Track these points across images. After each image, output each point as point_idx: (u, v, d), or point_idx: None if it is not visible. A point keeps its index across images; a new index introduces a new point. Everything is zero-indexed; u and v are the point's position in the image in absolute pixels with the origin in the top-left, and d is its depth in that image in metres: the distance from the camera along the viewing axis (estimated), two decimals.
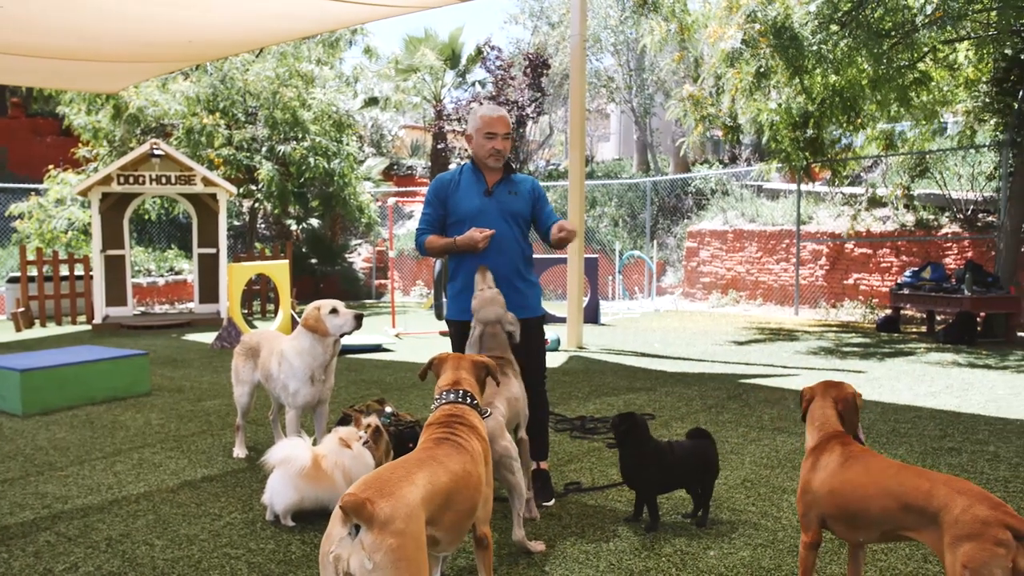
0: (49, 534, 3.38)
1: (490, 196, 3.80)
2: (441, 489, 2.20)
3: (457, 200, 3.80)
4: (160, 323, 11.82)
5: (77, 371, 6.06)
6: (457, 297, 3.83)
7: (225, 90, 14.42)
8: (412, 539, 1.97)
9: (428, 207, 3.87)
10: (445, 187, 3.84)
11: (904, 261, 12.07)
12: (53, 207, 13.89)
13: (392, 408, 4.76)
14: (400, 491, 2.04)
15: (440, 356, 2.90)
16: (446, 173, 3.91)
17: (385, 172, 21.83)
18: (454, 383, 2.74)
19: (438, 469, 2.26)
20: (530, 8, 25.34)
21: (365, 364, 8.06)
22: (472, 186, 3.82)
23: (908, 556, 3.06)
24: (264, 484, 3.55)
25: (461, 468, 2.34)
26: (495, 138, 3.77)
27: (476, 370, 2.84)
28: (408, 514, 2.00)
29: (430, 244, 3.83)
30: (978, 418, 5.36)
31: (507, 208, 3.81)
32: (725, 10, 10.65)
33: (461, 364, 2.82)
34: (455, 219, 3.79)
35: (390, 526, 1.93)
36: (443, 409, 2.63)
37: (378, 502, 1.95)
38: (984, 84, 11.12)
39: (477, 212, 3.76)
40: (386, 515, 1.94)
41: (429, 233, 3.85)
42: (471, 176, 3.86)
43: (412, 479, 2.12)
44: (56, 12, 7.04)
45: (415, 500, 2.05)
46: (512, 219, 3.82)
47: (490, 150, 3.77)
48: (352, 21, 11.07)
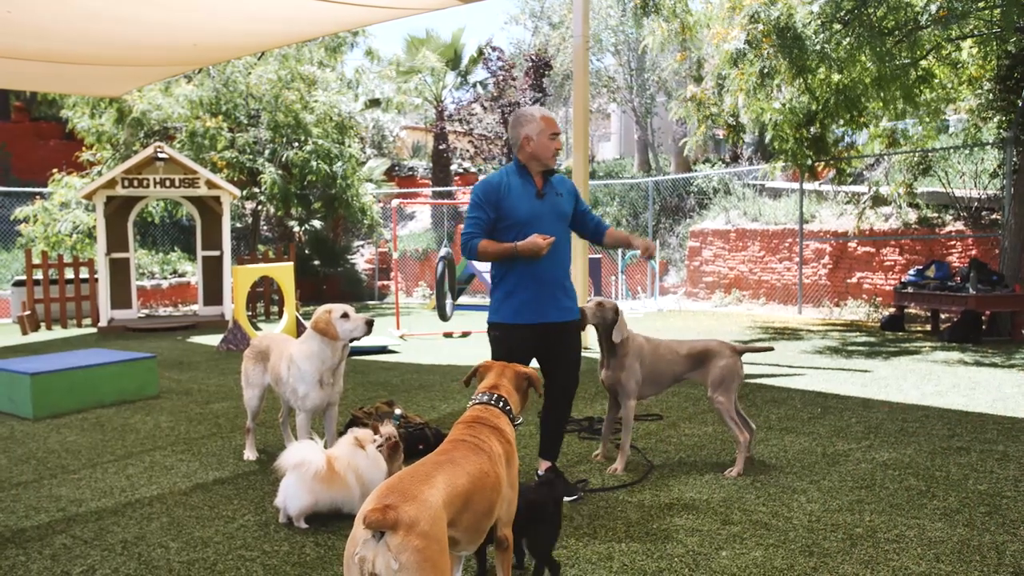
0: (65, 537, 3.40)
1: (542, 199, 3.77)
2: (460, 491, 2.23)
3: (512, 203, 3.72)
4: (165, 325, 11.84)
5: (87, 374, 6.08)
6: (507, 300, 3.77)
7: (228, 93, 14.45)
8: (436, 541, 2.00)
9: (478, 211, 3.74)
10: (496, 190, 3.73)
11: (908, 259, 12.07)
12: (58, 211, 13.93)
13: (401, 410, 4.79)
14: (423, 494, 2.07)
15: (486, 363, 2.95)
16: (493, 176, 3.82)
17: (387, 173, 21.85)
18: (492, 387, 2.77)
19: (456, 471, 2.28)
20: (531, 9, 25.38)
21: (371, 366, 8.08)
22: (523, 189, 3.76)
23: (920, 556, 3.07)
24: (276, 486, 3.57)
25: (478, 469, 2.36)
26: (557, 138, 3.77)
27: (518, 379, 2.86)
28: (432, 516, 2.03)
29: (484, 249, 3.71)
30: (986, 417, 5.37)
31: (558, 210, 3.82)
32: (728, 11, 10.66)
33: (504, 372, 2.85)
34: (510, 223, 3.71)
35: (416, 528, 1.96)
36: (472, 410, 2.68)
37: (402, 506, 1.98)
38: (988, 82, 11.13)
39: (533, 216, 3.72)
40: (411, 517, 1.97)
41: (480, 237, 3.73)
42: (519, 178, 3.79)
43: (432, 482, 2.15)
44: (59, 17, 7.07)
45: (437, 502, 2.08)
46: (563, 221, 3.85)
47: (554, 151, 3.77)
48: (354, 23, 11.10)
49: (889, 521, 3.43)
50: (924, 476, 4.06)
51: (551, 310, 3.77)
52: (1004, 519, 3.43)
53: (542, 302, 3.75)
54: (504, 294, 3.79)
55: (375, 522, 1.95)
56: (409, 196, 20.33)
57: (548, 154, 3.77)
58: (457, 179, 22.81)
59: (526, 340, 3.72)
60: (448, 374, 7.49)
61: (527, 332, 3.73)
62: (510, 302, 3.76)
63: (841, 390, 6.38)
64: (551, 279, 3.73)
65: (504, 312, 3.79)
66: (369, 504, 2.02)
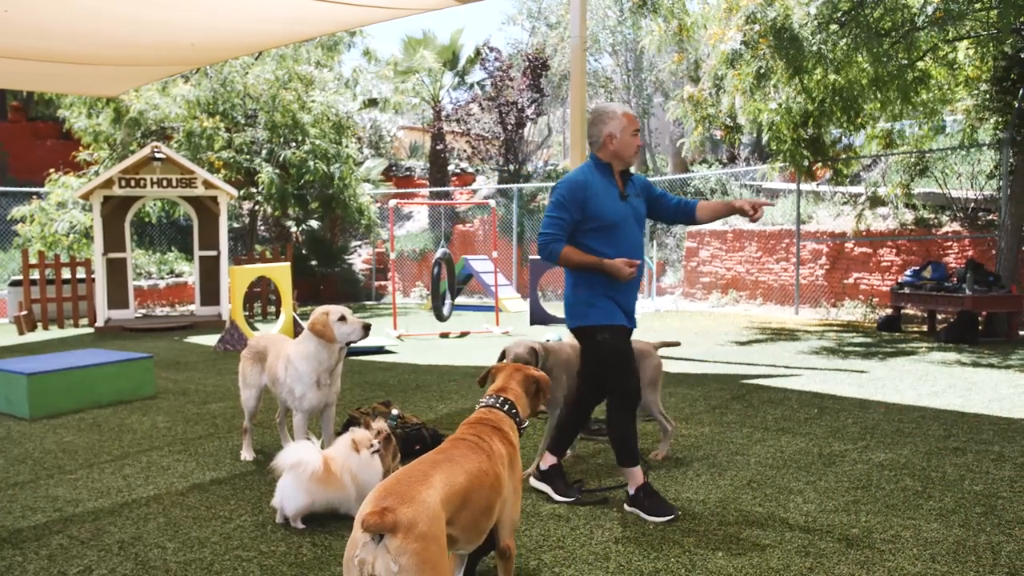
0: (61, 537, 3.40)
1: (625, 201, 3.65)
2: (458, 489, 2.24)
3: (599, 205, 3.56)
4: (162, 326, 11.83)
5: (83, 374, 6.07)
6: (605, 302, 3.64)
7: (225, 93, 14.45)
8: (435, 541, 2.01)
9: (562, 211, 3.55)
10: (583, 190, 3.56)
11: (905, 260, 12.10)
12: (55, 210, 13.92)
13: (398, 410, 4.79)
14: (420, 495, 2.08)
15: (499, 365, 2.94)
16: (576, 175, 3.63)
17: (384, 173, 21.84)
18: (499, 390, 2.77)
19: (454, 469, 2.29)
20: (528, 9, 25.37)
21: (368, 366, 8.07)
22: (607, 189, 3.62)
23: (916, 556, 3.08)
24: (273, 487, 3.57)
25: (476, 467, 2.37)
26: (638, 134, 3.67)
27: (527, 382, 2.84)
28: (430, 517, 2.04)
29: (566, 256, 3.55)
30: (982, 418, 5.38)
31: (638, 212, 3.72)
32: (725, 11, 10.68)
33: (514, 375, 2.84)
34: (597, 225, 3.57)
35: (414, 529, 1.98)
36: (477, 412, 2.69)
37: (400, 508, 1.99)
38: (984, 83, 11.15)
39: (619, 220, 3.59)
40: (409, 519, 1.98)
41: (563, 240, 3.55)
42: (602, 178, 3.64)
43: (430, 481, 2.16)
44: (57, 16, 7.06)
45: (435, 502, 2.09)
46: (642, 223, 3.76)
47: (636, 148, 3.67)
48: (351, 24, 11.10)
49: (885, 522, 3.44)
50: (920, 477, 4.07)
51: (632, 316, 3.73)
52: (1000, 520, 3.44)
53: (630, 307, 3.70)
54: (590, 298, 3.63)
55: (373, 525, 1.95)
56: (406, 196, 20.33)
57: (631, 152, 3.65)
58: (454, 179, 22.82)
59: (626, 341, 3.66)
60: (445, 375, 7.50)
61: (626, 334, 3.67)
62: (604, 305, 3.62)
63: (837, 391, 6.39)
64: (634, 285, 3.68)
65: (601, 314, 3.63)
66: (367, 507, 2.03)
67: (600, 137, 3.64)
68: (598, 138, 3.65)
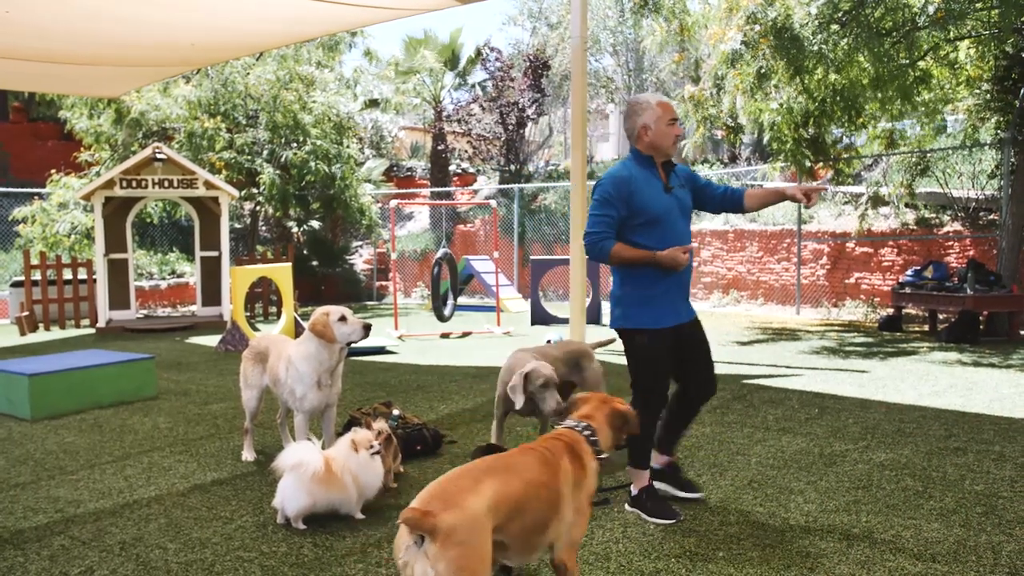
0: (63, 538, 3.41)
1: (670, 192, 3.55)
2: (511, 495, 2.22)
3: (644, 199, 3.47)
4: (163, 326, 11.84)
5: (85, 375, 6.08)
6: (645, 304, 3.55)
7: (226, 94, 14.45)
8: (474, 549, 2.02)
9: (608, 207, 3.46)
10: (627, 184, 3.47)
11: (906, 260, 12.09)
12: (56, 211, 13.93)
13: (399, 410, 4.79)
14: (465, 502, 2.08)
15: (585, 395, 2.91)
16: (618, 170, 3.55)
17: (385, 173, 21.85)
18: (585, 417, 2.74)
19: (510, 476, 2.28)
20: (529, 9, 25.39)
21: (369, 366, 8.08)
22: (650, 182, 3.52)
23: (916, 557, 3.08)
24: (274, 487, 3.57)
25: (535, 479, 2.35)
26: (676, 123, 3.55)
27: (614, 416, 2.81)
28: (471, 525, 2.03)
29: (617, 253, 3.46)
30: (983, 417, 5.38)
31: (683, 204, 3.61)
32: (725, 11, 10.67)
33: (601, 407, 2.80)
34: (644, 220, 3.47)
35: (453, 537, 1.99)
36: (557, 430, 2.67)
37: (441, 514, 2.00)
38: (985, 82, 11.14)
39: (665, 212, 3.50)
40: (449, 526, 1.99)
41: (611, 238, 3.47)
42: (644, 171, 3.54)
43: (478, 488, 2.15)
44: (58, 17, 7.07)
45: (479, 510, 2.08)
46: (687, 215, 3.64)
47: (674, 137, 3.55)
48: (352, 24, 11.10)
49: (886, 522, 3.44)
50: (921, 477, 4.07)
51: (683, 309, 3.62)
52: (1000, 519, 3.44)
53: (677, 302, 3.59)
54: (638, 297, 3.56)
55: (410, 520, 1.98)
56: (407, 197, 20.33)
57: (669, 142, 3.53)
58: (455, 179, 22.82)
59: (667, 343, 3.57)
60: (446, 375, 7.50)
61: (668, 335, 3.56)
62: (649, 305, 3.54)
63: (838, 391, 6.39)
64: (682, 278, 3.56)
65: (644, 316, 3.56)
66: (413, 504, 2.06)
67: (635, 130, 3.55)
68: (633, 131, 3.56)
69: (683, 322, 3.61)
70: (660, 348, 3.56)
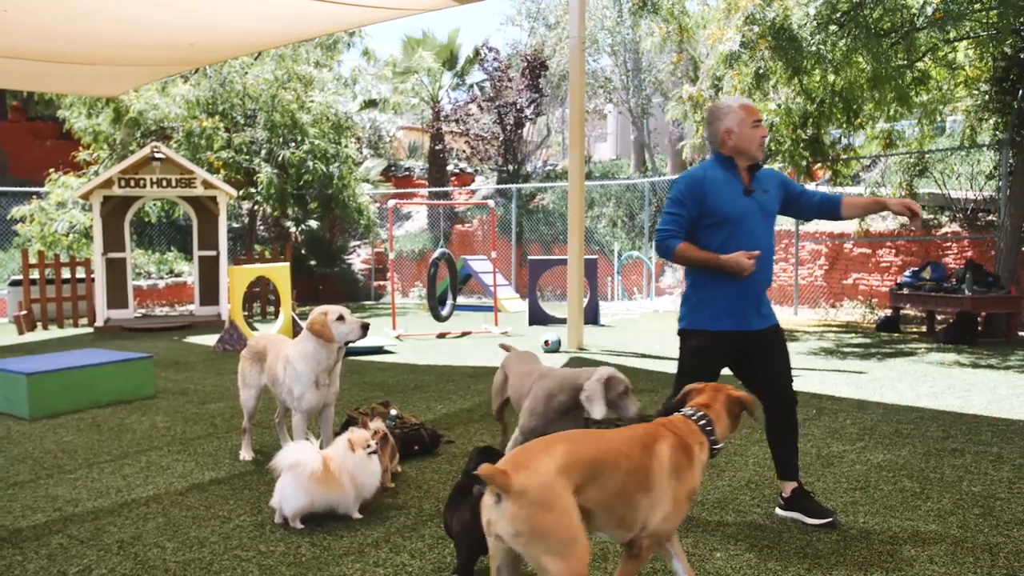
0: (61, 537, 3.40)
1: (750, 196, 3.45)
2: (581, 459, 2.28)
3: (718, 200, 3.40)
4: (161, 325, 11.84)
5: (83, 374, 6.07)
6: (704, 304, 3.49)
7: (224, 93, 14.45)
8: (549, 507, 2.12)
9: (679, 207, 3.42)
10: (700, 184, 3.42)
11: (904, 261, 12.11)
12: (54, 210, 13.92)
13: (397, 410, 4.79)
14: (534, 464, 2.19)
15: (700, 385, 2.89)
16: (696, 170, 3.51)
17: (383, 173, 21.85)
18: (702, 406, 2.74)
19: (584, 441, 2.36)
20: (527, 10, 25.40)
21: (367, 366, 8.08)
22: (728, 184, 3.44)
23: (913, 558, 3.08)
24: (272, 487, 3.57)
25: (615, 448, 2.39)
26: (760, 125, 3.47)
27: (730, 404, 2.80)
28: (542, 484, 2.14)
29: (682, 253, 3.40)
30: (981, 419, 5.39)
31: (766, 209, 3.50)
32: (724, 12, 10.69)
33: (717, 396, 2.79)
34: (715, 220, 3.41)
35: (524, 496, 2.11)
36: (670, 417, 2.69)
37: (512, 474, 2.13)
38: (984, 83, 11.16)
39: (741, 215, 3.41)
40: (520, 486, 2.11)
41: (679, 238, 3.42)
42: (723, 173, 3.47)
43: (549, 451, 2.25)
44: (57, 16, 7.07)
45: (549, 471, 2.18)
46: (770, 220, 3.53)
47: (760, 140, 3.47)
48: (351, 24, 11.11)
49: (883, 523, 3.44)
50: (918, 478, 4.08)
51: (752, 317, 3.48)
52: (998, 521, 3.44)
53: (743, 308, 3.46)
54: (700, 298, 3.50)
55: (484, 474, 2.11)
56: (405, 196, 20.34)
57: (754, 146, 3.45)
58: (453, 179, 22.83)
59: (724, 350, 3.46)
60: (444, 375, 7.50)
61: (725, 340, 3.45)
62: (708, 308, 3.48)
63: (836, 391, 6.40)
64: (754, 285, 3.43)
65: (700, 317, 3.50)
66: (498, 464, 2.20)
67: (718, 135, 3.49)
68: (716, 135, 3.50)
69: (750, 330, 3.48)
70: (710, 353, 3.47)
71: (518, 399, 3.99)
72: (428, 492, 3.95)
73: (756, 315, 3.49)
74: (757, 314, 3.50)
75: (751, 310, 3.48)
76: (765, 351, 3.51)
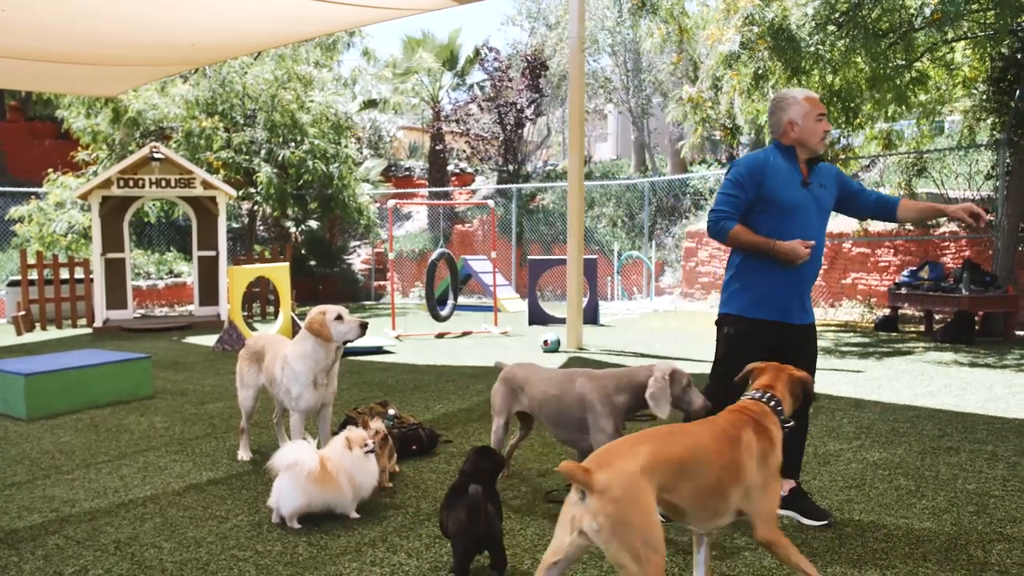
0: (58, 537, 3.41)
1: (807, 188, 3.42)
2: (669, 457, 2.32)
3: (776, 186, 3.37)
4: (160, 326, 11.85)
5: (81, 375, 6.08)
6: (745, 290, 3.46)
7: (224, 93, 14.47)
8: (631, 505, 2.17)
9: (737, 189, 3.38)
10: (761, 169, 3.38)
11: (902, 260, 12.12)
12: (53, 210, 13.94)
13: (395, 410, 4.80)
14: (618, 462, 2.23)
15: (760, 364, 2.91)
16: (757, 153, 3.47)
17: (383, 173, 21.86)
18: (766, 387, 2.76)
19: (670, 439, 2.39)
20: (528, 10, 25.41)
21: (366, 366, 8.09)
22: (788, 173, 3.41)
23: (907, 555, 3.09)
24: (269, 487, 3.58)
25: (701, 442, 2.43)
26: (824, 119, 3.44)
27: (792, 383, 2.81)
28: (625, 483, 2.18)
29: (735, 236, 3.36)
30: (976, 417, 5.40)
31: (821, 203, 3.47)
32: (723, 12, 10.70)
33: (779, 375, 2.82)
34: (768, 207, 3.38)
35: (607, 493, 2.15)
36: (741, 402, 2.71)
37: (596, 472, 2.17)
38: (982, 83, 11.16)
39: (797, 205, 3.38)
40: (603, 484, 2.16)
41: (734, 220, 3.37)
42: (784, 162, 3.43)
43: (635, 450, 2.29)
44: (56, 16, 7.07)
45: (633, 469, 2.22)
46: (824, 215, 3.50)
47: (823, 134, 3.44)
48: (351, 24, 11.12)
49: (878, 521, 3.45)
50: (914, 476, 4.09)
51: (795, 310, 3.44)
52: (991, 518, 3.45)
53: (786, 299, 3.42)
54: (742, 285, 3.47)
55: (563, 469, 2.16)
56: (405, 196, 20.35)
57: (816, 139, 3.42)
58: (454, 179, 22.84)
59: (763, 339, 3.39)
60: (443, 375, 7.51)
61: (763, 329, 3.40)
62: (748, 294, 3.45)
63: (834, 390, 6.41)
64: (800, 277, 3.39)
65: (739, 303, 3.47)
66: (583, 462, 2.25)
67: (781, 125, 3.46)
68: (779, 126, 3.48)
69: (790, 323, 3.45)
70: (748, 341, 3.41)
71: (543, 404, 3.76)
72: (426, 492, 3.96)
73: (799, 309, 3.46)
74: (800, 308, 3.47)
75: (795, 303, 3.45)
76: (798, 348, 3.46)
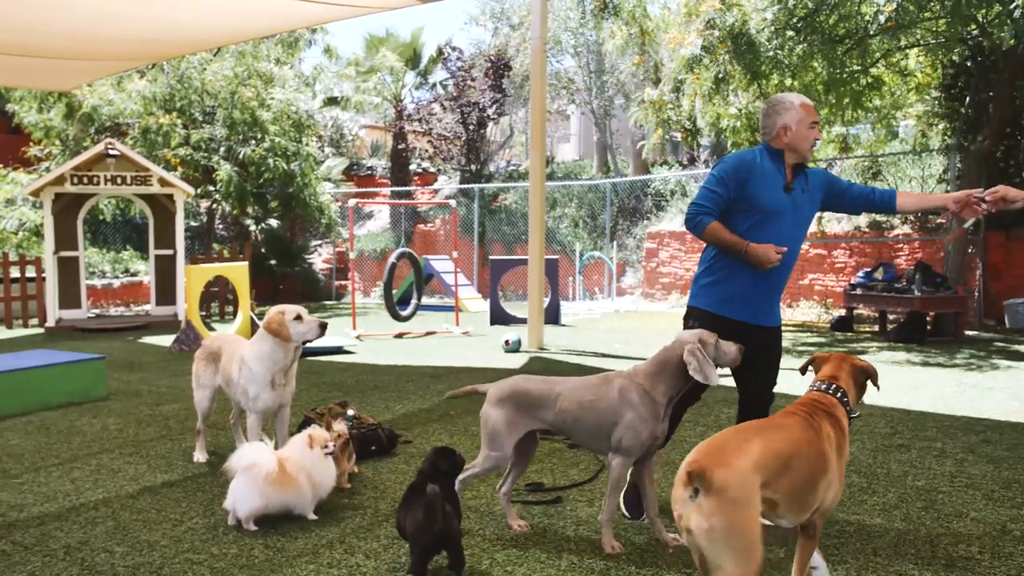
0: (4, 543, 3.33)
1: (789, 193, 3.40)
2: (776, 451, 2.31)
3: (760, 188, 3.35)
4: (116, 325, 11.61)
5: (31, 376, 5.93)
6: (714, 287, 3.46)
7: (182, 89, 14.22)
8: (744, 505, 2.14)
9: (720, 186, 3.36)
10: (747, 169, 3.37)
11: (857, 262, 12.38)
12: (2, 207, 13.58)
13: (354, 411, 4.76)
14: (735, 460, 2.21)
15: (824, 355, 2.94)
16: (745, 153, 3.46)
17: (345, 172, 21.68)
18: (830, 378, 2.76)
19: (774, 433, 2.38)
20: (491, 10, 25.40)
21: (326, 366, 8.02)
22: (772, 176, 3.39)
23: (858, 550, 3.16)
24: (226, 489, 3.53)
25: (801, 435, 2.43)
26: (816, 127, 3.43)
27: (855, 372, 2.81)
28: (741, 482, 2.16)
29: (712, 231, 3.34)
30: (927, 415, 5.54)
31: (801, 212, 3.46)
32: (684, 16, 10.82)
33: (842, 365, 2.82)
34: (748, 208, 3.36)
35: (724, 493, 2.12)
36: (809, 395, 2.71)
37: (715, 471, 2.14)
38: (934, 89, 11.46)
39: (777, 210, 3.36)
40: (721, 483, 2.12)
41: (713, 215, 3.35)
42: (771, 164, 3.41)
43: (747, 447, 2.27)
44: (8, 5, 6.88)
45: (747, 467, 2.21)
46: (804, 222, 3.50)
47: (813, 141, 3.44)
48: (313, 21, 11.00)
49: (831, 517, 3.51)
50: (866, 473, 4.18)
51: (763, 312, 3.46)
52: (939, 513, 3.55)
53: (754, 301, 3.43)
54: (712, 280, 3.48)
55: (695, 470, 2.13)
56: (367, 196, 20.21)
57: (807, 146, 3.42)
58: (416, 179, 22.73)
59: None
60: (403, 375, 7.48)
61: (728, 328, 3.35)
62: (717, 290, 3.45)
63: (790, 390, 6.48)
64: (771, 280, 3.41)
65: (708, 298, 3.47)
66: (690, 457, 2.21)
67: (774, 129, 3.43)
68: (771, 129, 3.44)
69: (757, 324, 3.45)
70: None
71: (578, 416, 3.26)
72: (384, 492, 3.94)
73: (767, 312, 3.48)
74: (768, 311, 3.49)
75: (763, 305, 3.46)
76: (764, 349, 3.48)
